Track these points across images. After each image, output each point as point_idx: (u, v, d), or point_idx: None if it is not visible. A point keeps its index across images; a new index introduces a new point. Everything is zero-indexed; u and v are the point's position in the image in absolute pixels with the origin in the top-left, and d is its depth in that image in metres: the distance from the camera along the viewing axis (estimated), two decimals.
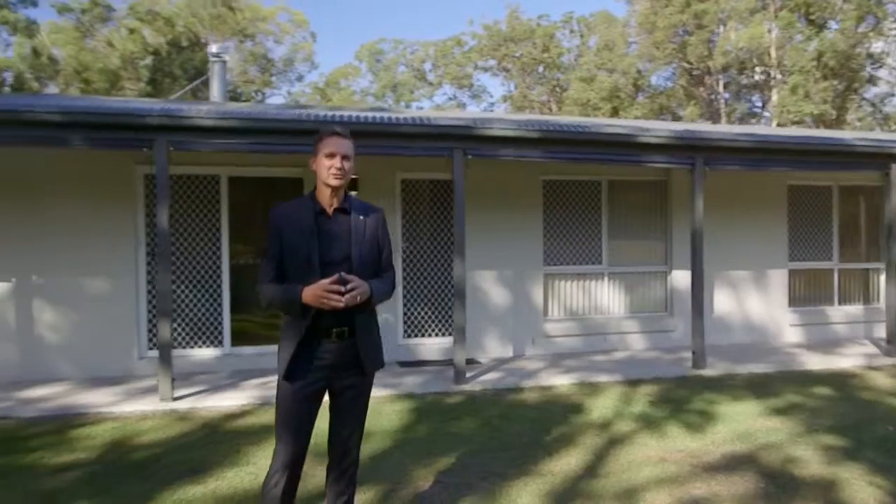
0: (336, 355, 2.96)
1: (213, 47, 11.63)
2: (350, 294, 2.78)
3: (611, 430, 5.52)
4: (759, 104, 30.36)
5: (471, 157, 7.16)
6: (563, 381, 7.20)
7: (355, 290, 2.80)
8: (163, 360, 6.45)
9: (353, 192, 8.05)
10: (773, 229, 9.55)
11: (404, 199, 8.50)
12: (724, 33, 27.90)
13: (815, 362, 8.01)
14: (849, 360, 8.17)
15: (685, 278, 8.85)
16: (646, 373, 7.47)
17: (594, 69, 31.28)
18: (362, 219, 3.06)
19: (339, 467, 3.11)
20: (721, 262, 9.29)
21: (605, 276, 9.11)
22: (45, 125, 6.26)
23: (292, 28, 39.81)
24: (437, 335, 8.54)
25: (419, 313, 8.56)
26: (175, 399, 6.43)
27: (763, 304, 9.50)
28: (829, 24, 26.37)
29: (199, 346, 7.94)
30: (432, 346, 8.44)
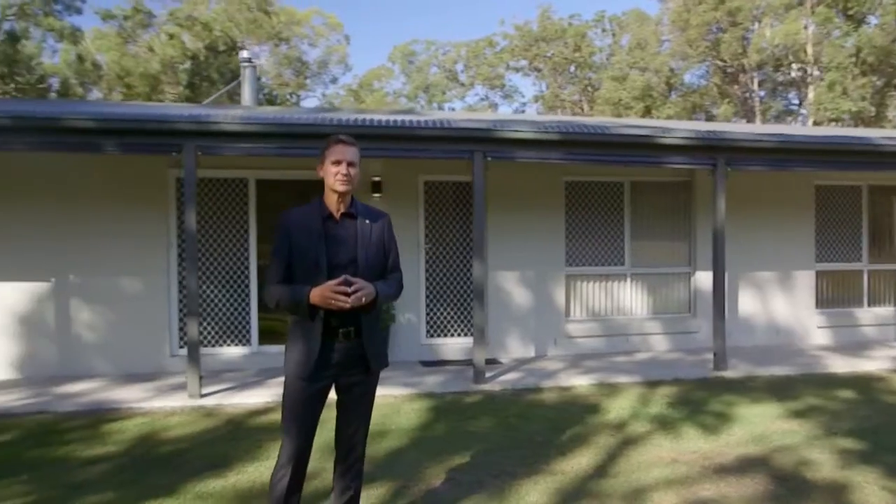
0: (342, 354, 3.08)
1: (244, 53, 11.92)
2: (355, 295, 2.90)
3: (626, 430, 5.56)
4: (797, 102, 29.80)
5: (490, 159, 7.25)
6: (582, 382, 7.25)
7: (360, 292, 2.92)
8: (191, 358, 6.67)
9: (377, 195, 8.24)
10: (799, 230, 9.44)
11: (427, 200, 8.63)
12: (758, 30, 27.47)
13: (839, 365, 7.91)
14: (875, 362, 8.05)
15: (709, 279, 8.76)
16: (666, 374, 7.47)
17: (626, 68, 31.05)
18: (368, 223, 3.18)
19: (346, 462, 3.24)
20: (746, 262, 9.22)
21: (627, 277, 9.12)
22: (80, 132, 6.53)
23: (326, 31, 40.31)
24: (458, 335, 8.65)
25: (441, 313, 8.68)
26: (203, 396, 6.65)
27: (789, 306, 9.40)
28: (868, 20, 25.77)
29: (228, 345, 8.18)
30: (454, 345, 8.55)
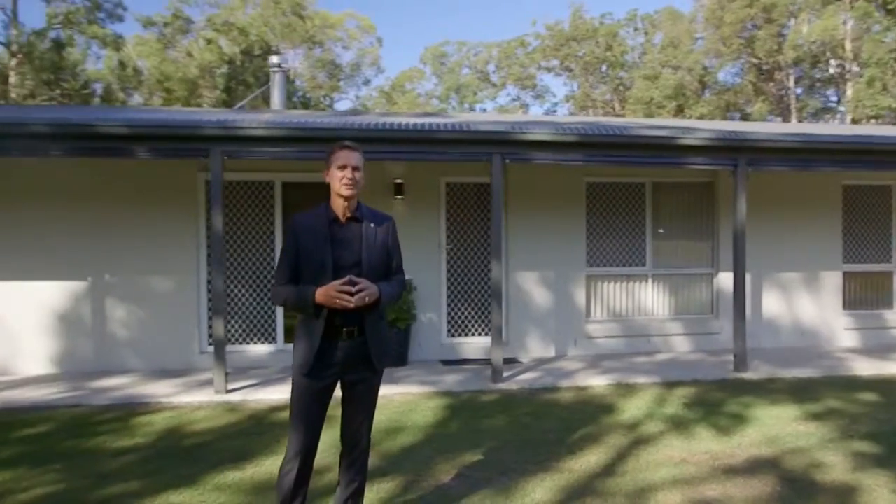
0: (347, 352, 3.21)
1: (274, 58, 12.19)
2: (359, 295, 3.03)
3: (638, 430, 5.60)
4: (835, 99, 29.17)
5: (509, 161, 7.34)
6: (599, 382, 7.29)
7: (364, 292, 3.05)
8: (217, 355, 6.90)
9: (399, 196, 8.39)
10: (826, 230, 9.32)
11: (448, 202, 8.75)
12: (794, 26, 26.98)
13: (864, 367, 7.80)
14: None
15: (732, 280, 8.73)
16: (685, 375, 7.47)
17: (658, 67, 30.76)
18: (373, 226, 3.31)
19: (351, 456, 3.37)
20: (771, 263, 9.14)
21: (648, 278, 9.11)
22: (114, 138, 6.82)
23: (359, 34, 40.78)
24: (479, 335, 8.76)
25: (462, 313, 8.79)
26: (228, 391, 6.87)
27: (815, 307, 9.28)
28: None
29: (254, 343, 8.42)
30: (475, 345, 8.65)
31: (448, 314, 8.75)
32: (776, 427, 5.64)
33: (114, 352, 8.03)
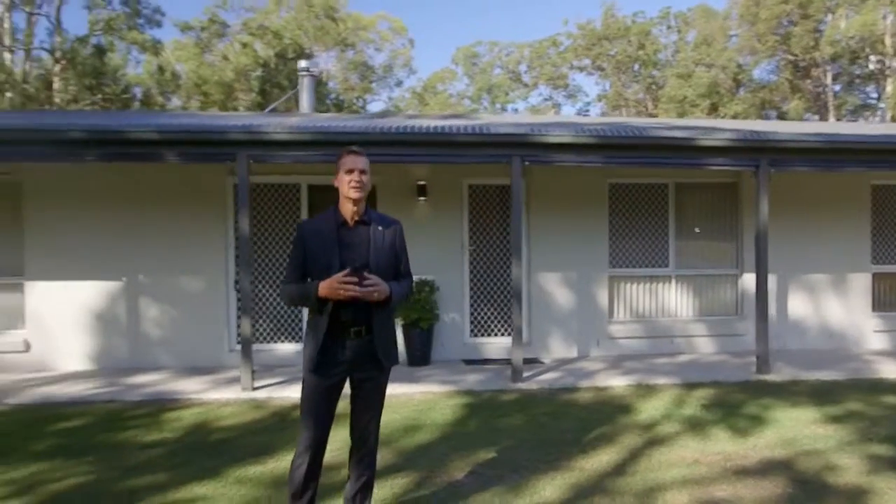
0: (355, 351, 3.34)
1: (302, 62, 12.43)
2: (368, 289, 3.15)
3: (654, 431, 5.63)
4: (875, 96, 28.45)
5: (528, 163, 7.41)
6: (619, 383, 7.31)
7: (373, 287, 3.17)
8: (244, 353, 7.12)
9: (422, 198, 8.52)
10: (855, 231, 9.18)
11: (471, 203, 8.85)
12: (832, 21, 26.39)
13: (892, 370, 7.68)
14: None
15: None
16: (706, 376, 7.45)
17: (691, 65, 30.37)
18: (381, 229, 3.43)
19: (359, 451, 3.50)
20: (798, 264, 9.04)
21: (671, 279, 9.09)
22: (144, 143, 7.08)
23: (391, 35, 41.02)
24: (501, 335, 8.84)
25: (485, 313, 8.89)
26: (254, 389, 7.08)
27: (843, 309, 9.15)
28: None
29: (281, 342, 8.63)
30: (497, 345, 8.74)
31: (471, 314, 8.85)
32: (794, 429, 5.62)
33: (147, 349, 8.33)
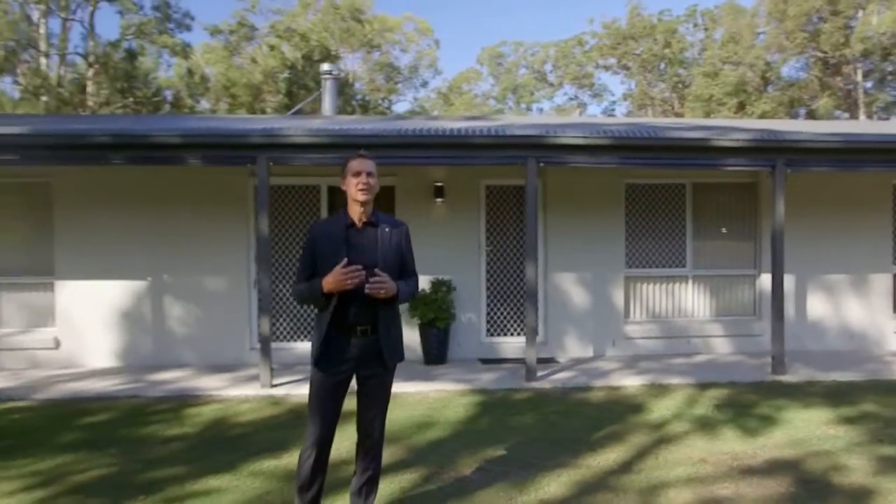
0: (360, 349, 3.45)
1: (325, 65, 12.64)
2: (376, 285, 3.26)
3: (663, 430, 5.67)
4: None
5: (543, 164, 7.48)
6: (633, 382, 7.34)
7: (380, 284, 3.28)
8: (263, 351, 7.30)
9: (439, 199, 8.63)
10: (876, 231, 9.08)
11: (488, 204, 8.93)
12: (863, 18, 25.91)
13: None
14: None
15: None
16: (721, 377, 7.44)
17: (718, 63, 30.04)
18: (388, 231, 3.56)
19: (365, 446, 3.61)
20: (816, 264, 8.97)
21: (689, 279, 9.08)
22: (167, 147, 7.30)
23: (417, 36, 41.22)
24: (518, 334, 8.90)
25: (501, 313, 8.97)
26: (273, 386, 7.26)
27: (863, 310, 9.06)
28: None
29: (300, 340, 8.81)
30: (514, 344, 8.81)
31: (487, 314, 8.94)
32: (804, 430, 5.62)
33: (170, 347, 8.56)
